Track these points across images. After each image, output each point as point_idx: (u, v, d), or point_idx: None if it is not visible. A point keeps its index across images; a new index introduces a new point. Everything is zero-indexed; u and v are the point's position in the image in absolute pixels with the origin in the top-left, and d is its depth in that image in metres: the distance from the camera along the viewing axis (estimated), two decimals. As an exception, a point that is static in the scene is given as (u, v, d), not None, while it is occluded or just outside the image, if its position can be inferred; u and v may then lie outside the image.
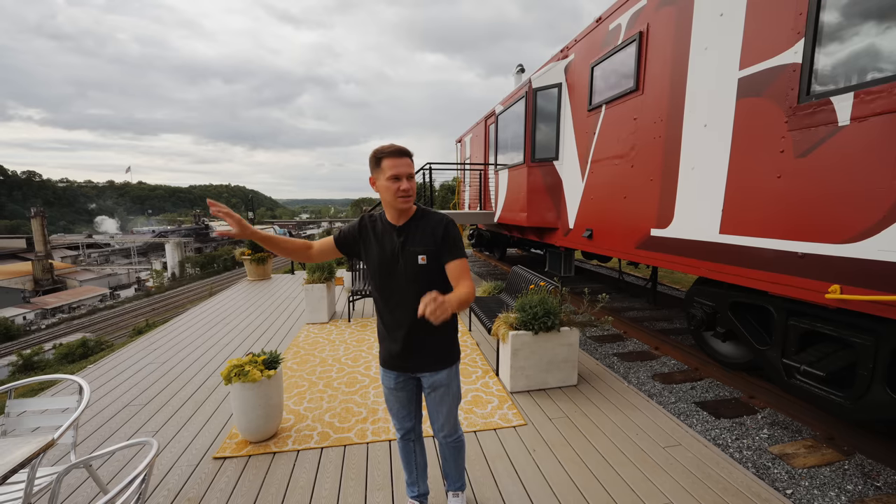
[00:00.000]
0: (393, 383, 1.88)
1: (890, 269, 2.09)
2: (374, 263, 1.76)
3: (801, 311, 2.85)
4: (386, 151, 1.65)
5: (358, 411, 3.29)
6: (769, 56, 2.71)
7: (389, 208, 1.74)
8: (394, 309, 1.76)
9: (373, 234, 1.78)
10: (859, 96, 2.21)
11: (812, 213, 2.46)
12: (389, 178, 1.64)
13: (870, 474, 2.56)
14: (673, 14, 3.55)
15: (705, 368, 4.00)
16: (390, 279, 1.74)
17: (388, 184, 1.64)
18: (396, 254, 1.72)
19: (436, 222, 1.76)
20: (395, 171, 1.63)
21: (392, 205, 1.70)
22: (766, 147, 2.74)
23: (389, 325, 1.80)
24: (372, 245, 1.77)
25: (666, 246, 3.67)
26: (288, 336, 5.15)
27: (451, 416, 1.95)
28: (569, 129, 5.45)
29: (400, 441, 2.04)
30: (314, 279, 5.73)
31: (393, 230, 1.75)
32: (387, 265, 1.73)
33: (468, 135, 11.24)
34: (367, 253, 1.78)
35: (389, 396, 1.93)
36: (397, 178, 1.64)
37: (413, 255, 1.71)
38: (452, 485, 2.16)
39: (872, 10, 2.19)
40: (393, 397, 1.92)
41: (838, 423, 3.02)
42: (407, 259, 1.71)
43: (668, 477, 2.47)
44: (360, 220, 1.81)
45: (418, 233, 1.74)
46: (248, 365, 2.82)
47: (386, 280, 1.75)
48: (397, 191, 1.64)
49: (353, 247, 1.82)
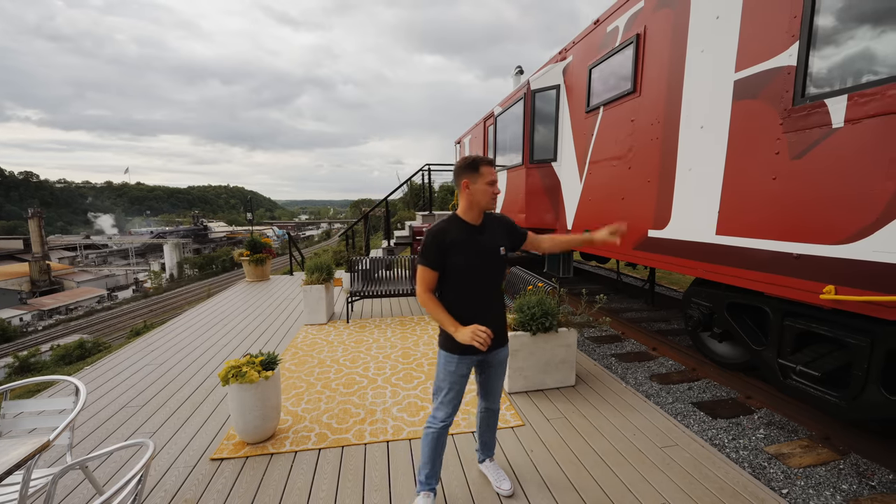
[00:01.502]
0: (467, 369, 2.05)
1: (884, 269, 2.10)
2: (461, 264, 1.94)
3: (796, 311, 2.87)
4: (484, 160, 1.94)
5: (356, 412, 3.29)
6: (764, 58, 2.72)
7: (476, 209, 1.97)
8: (481, 296, 1.99)
9: (454, 240, 1.93)
10: (853, 98, 2.23)
11: (807, 214, 2.47)
12: (488, 182, 1.91)
13: (864, 473, 2.57)
14: (670, 16, 3.57)
15: (702, 369, 4.02)
16: (478, 272, 1.97)
17: (486, 187, 1.91)
18: (481, 249, 1.97)
19: (499, 220, 2.11)
20: (493, 177, 1.93)
21: (485, 206, 1.96)
22: (761, 149, 2.76)
23: (477, 311, 1.96)
24: (457, 250, 1.93)
25: (663, 247, 3.68)
26: (286, 337, 5.15)
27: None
28: (567, 131, 5.47)
29: (440, 431, 2.08)
30: (313, 280, 5.73)
31: (474, 230, 1.98)
32: (475, 261, 1.95)
33: (467, 136, 11.27)
34: (452, 259, 1.93)
35: (458, 384, 2.06)
36: (493, 182, 1.93)
37: (496, 248, 1.99)
38: (491, 452, 2.47)
39: (866, 14, 2.21)
40: (461, 384, 2.06)
41: (834, 422, 3.03)
42: (491, 251, 1.99)
43: (665, 477, 2.48)
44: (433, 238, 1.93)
45: (495, 229, 2.04)
46: (246, 366, 2.82)
47: (475, 274, 1.96)
48: (493, 194, 1.93)
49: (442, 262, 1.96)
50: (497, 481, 2.37)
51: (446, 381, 2.03)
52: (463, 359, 2.00)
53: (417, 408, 3.34)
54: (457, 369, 2.01)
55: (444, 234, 1.93)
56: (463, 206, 1.98)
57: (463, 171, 1.94)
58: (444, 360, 2.03)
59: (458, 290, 1.97)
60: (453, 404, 2.06)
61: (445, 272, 1.95)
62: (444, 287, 1.98)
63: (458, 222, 1.97)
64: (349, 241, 8.66)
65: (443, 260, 1.93)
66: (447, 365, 2.02)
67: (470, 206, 1.96)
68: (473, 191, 1.93)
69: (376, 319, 5.90)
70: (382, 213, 9.47)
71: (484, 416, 2.33)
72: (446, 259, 1.92)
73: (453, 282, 1.96)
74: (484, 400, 2.28)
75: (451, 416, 2.07)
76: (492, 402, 2.26)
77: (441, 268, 1.94)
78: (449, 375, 2.02)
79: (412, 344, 4.84)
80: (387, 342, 4.92)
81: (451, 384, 2.03)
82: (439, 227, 1.96)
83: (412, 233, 7.54)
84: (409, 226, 7.96)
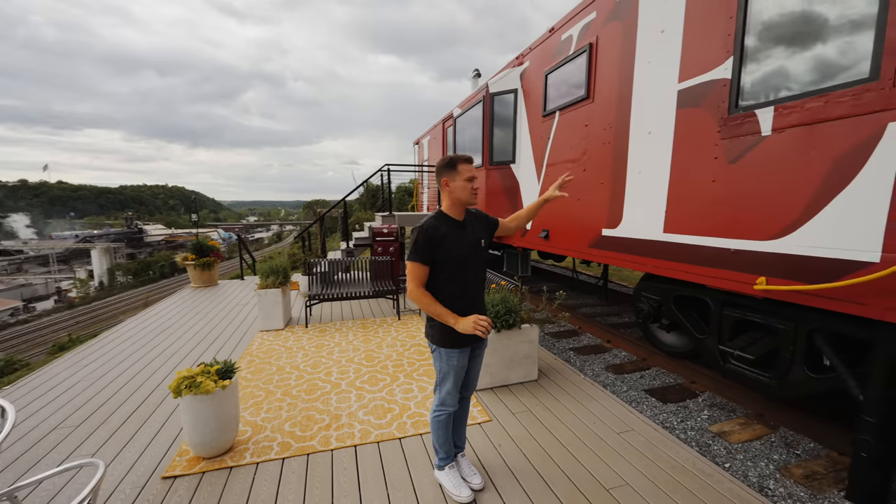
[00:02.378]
0: (466, 359, 2.18)
1: (805, 262, 2.38)
2: (452, 258, 2.02)
3: (733, 301, 3.16)
4: (461, 158, 2.02)
5: (320, 418, 3.19)
6: (704, 71, 2.98)
7: (458, 206, 2.08)
8: (469, 288, 2.10)
9: (444, 236, 2.02)
10: (778, 110, 2.50)
11: (741, 213, 2.74)
12: (466, 178, 2.01)
13: (791, 444, 2.89)
14: (620, 28, 3.81)
15: (652, 358, 4.31)
16: (466, 265, 2.06)
17: (464, 184, 2.01)
18: (466, 242, 2.07)
19: (475, 214, 2.23)
20: (471, 174, 2.02)
21: (466, 202, 2.06)
22: (702, 153, 3.02)
23: (469, 303, 2.09)
24: (447, 244, 2.01)
25: (616, 245, 3.91)
26: (240, 345, 4.88)
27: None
28: (525, 134, 5.65)
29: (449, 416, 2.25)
30: (268, 284, 5.47)
31: (459, 225, 2.09)
32: (463, 255, 2.05)
33: (426, 137, 11.29)
34: (444, 253, 2.01)
35: (460, 373, 2.17)
36: (471, 178, 2.02)
37: (478, 241, 2.13)
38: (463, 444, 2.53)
39: (787, 36, 2.49)
40: (462, 372, 2.18)
41: (767, 401, 3.37)
42: (474, 245, 2.11)
43: (624, 461, 2.63)
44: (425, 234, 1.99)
45: (474, 223, 2.16)
46: (201, 376, 2.65)
47: (463, 267, 2.06)
48: (472, 189, 2.02)
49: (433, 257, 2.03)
50: (468, 476, 2.41)
51: (451, 374, 2.16)
52: (463, 351, 2.15)
53: (384, 410, 3.30)
54: (458, 362, 2.14)
55: (436, 230, 2.00)
56: (446, 204, 2.08)
57: (443, 171, 2.05)
58: (445, 356, 2.14)
59: (452, 284, 2.05)
60: (458, 389, 2.24)
61: (437, 267, 2.03)
62: (439, 281, 2.06)
63: (445, 218, 2.07)
64: (305, 243, 8.35)
65: (434, 255, 2.00)
66: (449, 360, 2.13)
67: (452, 203, 2.06)
68: (453, 188, 2.03)
69: (336, 323, 5.75)
70: (340, 214, 9.25)
71: (458, 407, 2.38)
72: (437, 254, 2.00)
73: (446, 275, 2.04)
74: (462, 389, 2.35)
75: (457, 400, 2.27)
76: (467, 391, 2.38)
77: (432, 263, 2.02)
78: (452, 368, 2.14)
79: (375, 346, 4.77)
80: (349, 345, 4.81)
81: (456, 375, 2.16)
82: (430, 223, 2.02)
83: (372, 234, 7.42)
84: (369, 227, 7.83)
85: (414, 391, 3.63)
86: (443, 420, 2.26)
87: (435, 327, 2.17)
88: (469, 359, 2.27)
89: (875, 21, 2.07)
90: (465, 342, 2.14)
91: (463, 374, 2.21)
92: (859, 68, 2.14)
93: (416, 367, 4.17)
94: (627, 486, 2.41)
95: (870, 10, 2.09)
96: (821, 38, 2.31)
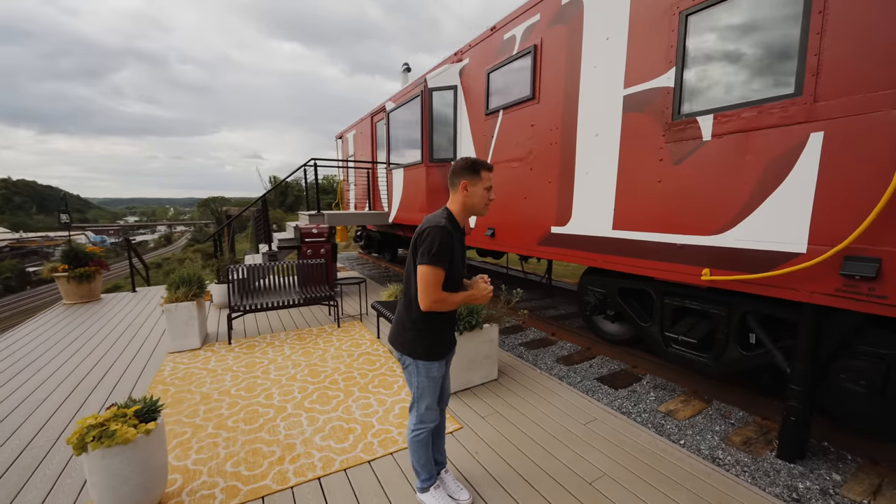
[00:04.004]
0: (444, 369, 2.10)
1: (744, 254, 2.68)
2: (456, 262, 1.93)
3: (673, 291, 3.47)
4: (485, 165, 1.93)
5: (269, 451, 2.75)
6: (649, 79, 3.21)
7: (468, 213, 1.98)
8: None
9: (455, 241, 1.92)
10: (717, 118, 2.78)
11: (686, 211, 3.00)
12: (487, 188, 1.94)
13: (725, 415, 3.27)
14: (564, 32, 3.94)
15: (596, 347, 4.59)
16: (457, 274, 1.97)
17: (484, 193, 1.94)
18: (463, 251, 2.01)
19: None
20: (491, 183, 1.96)
21: (479, 211, 1.97)
22: (648, 155, 3.25)
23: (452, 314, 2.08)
24: (455, 249, 1.92)
25: (566, 242, 4.06)
26: (146, 373, 4.05)
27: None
28: (466, 132, 5.61)
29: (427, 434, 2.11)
30: (178, 297, 4.63)
31: (461, 231, 2.02)
32: (458, 263, 1.96)
33: (351, 131, 10.70)
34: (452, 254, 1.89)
35: (437, 386, 2.06)
36: (490, 188, 1.95)
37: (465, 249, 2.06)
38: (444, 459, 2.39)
39: (723, 52, 2.77)
40: (438, 384, 2.08)
41: (698, 378, 3.79)
42: (464, 252, 2.06)
43: (596, 451, 2.72)
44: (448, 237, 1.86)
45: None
46: (114, 421, 2.08)
47: (456, 276, 1.95)
48: (488, 200, 1.96)
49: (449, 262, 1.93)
50: (455, 493, 2.26)
51: (429, 389, 2.04)
52: (441, 363, 2.06)
53: (345, 431, 2.98)
54: (438, 373, 2.04)
55: (451, 235, 1.90)
56: (457, 208, 1.96)
57: (463, 173, 1.93)
58: (423, 370, 2.01)
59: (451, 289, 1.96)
60: (437, 404, 2.12)
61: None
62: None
63: (454, 222, 1.96)
64: (218, 246, 7.33)
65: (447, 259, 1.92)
66: (429, 372, 2.01)
67: (464, 208, 1.96)
68: (471, 193, 1.93)
69: (266, 336, 5.12)
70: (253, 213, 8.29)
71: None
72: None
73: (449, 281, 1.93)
74: (440, 402, 2.25)
75: (437, 414, 2.14)
76: (445, 403, 2.30)
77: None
78: (431, 382, 2.03)
79: (318, 360, 4.33)
80: (287, 361, 4.30)
81: (434, 389, 2.05)
82: (446, 228, 1.87)
83: (300, 235, 6.77)
84: (296, 227, 7.14)
85: (373, 405, 3.35)
86: (423, 439, 2.12)
87: (419, 338, 1.97)
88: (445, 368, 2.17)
89: (798, 45, 2.39)
90: (447, 352, 2.09)
91: (437, 389, 2.09)
92: (786, 85, 2.45)
93: (368, 378, 3.86)
94: (606, 476, 2.48)
95: (794, 33, 2.41)
96: (754, 57, 2.61)
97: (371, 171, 8.97)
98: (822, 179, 2.31)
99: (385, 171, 8.00)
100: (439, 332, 2.01)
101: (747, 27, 2.62)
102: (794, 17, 2.40)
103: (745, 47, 2.63)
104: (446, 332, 2.06)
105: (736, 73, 2.70)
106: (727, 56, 2.74)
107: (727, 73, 2.74)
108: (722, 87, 2.77)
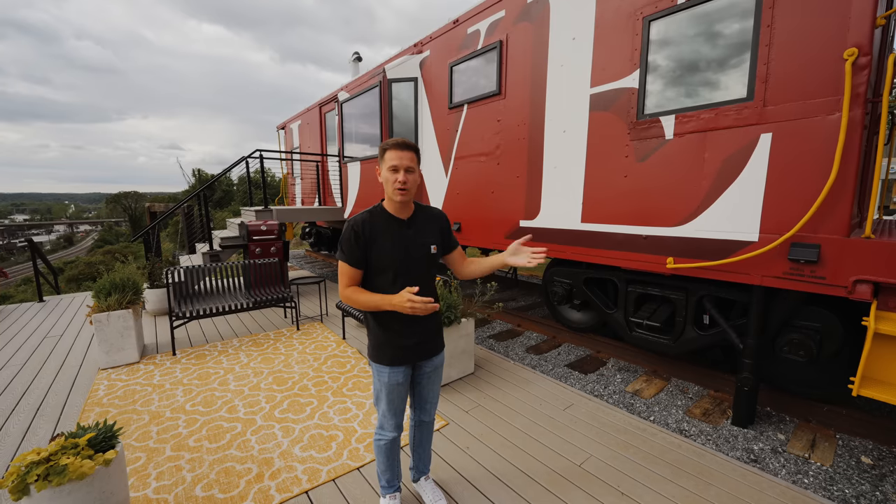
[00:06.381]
0: (402, 377, 1.89)
1: (704, 243, 2.94)
2: (386, 259, 1.75)
3: (635, 279, 3.73)
4: (390, 143, 1.71)
5: (244, 469, 2.53)
6: (614, 79, 3.38)
7: (390, 201, 1.79)
8: None
9: (378, 231, 1.75)
10: (678, 118, 3.01)
11: (651, 204, 3.22)
12: (389, 168, 1.70)
13: (684, 390, 3.59)
14: (530, 30, 4.02)
15: (560, 336, 4.80)
16: (408, 272, 1.78)
17: (387, 175, 1.72)
18: (409, 246, 1.78)
19: (436, 216, 1.93)
20: (394, 163, 1.69)
21: (391, 197, 1.75)
22: (614, 152, 3.43)
23: (406, 318, 1.76)
24: (380, 242, 1.75)
25: (534, 235, 4.17)
26: (74, 395, 3.51)
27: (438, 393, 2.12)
28: (428, 125, 5.53)
29: (390, 443, 2.01)
30: (110, 304, 4.06)
31: (401, 224, 1.79)
32: (402, 258, 1.76)
33: (295, 121, 10.08)
34: (377, 251, 1.75)
35: (394, 393, 1.90)
36: (395, 169, 1.70)
37: (426, 246, 1.83)
38: (427, 467, 2.28)
39: (684, 58, 2.99)
40: (398, 393, 1.91)
41: (656, 359, 4.11)
42: (420, 250, 1.81)
43: (580, 434, 2.84)
44: (353, 228, 1.74)
45: (425, 225, 1.86)
46: (64, 454, 1.77)
47: (405, 275, 1.77)
48: (395, 182, 1.70)
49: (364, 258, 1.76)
50: (433, 502, 2.19)
51: (382, 392, 1.91)
52: (394, 370, 1.87)
53: (326, 440, 2.82)
54: (389, 379, 1.87)
55: (364, 225, 1.74)
56: (385, 197, 1.83)
57: (378, 157, 1.79)
58: (376, 372, 1.91)
59: (385, 292, 1.74)
60: (396, 413, 1.96)
61: (372, 271, 1.78)
62: (376, 289, 1.78)
63: (383, 214, 1.80)
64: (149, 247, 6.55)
65: (365, 256, 1.75)
66: (380, 376, 1.89)
67: (387, 196, 1.79)
68: (383, 178, 1.76)
69: (217, 344, 4.68)
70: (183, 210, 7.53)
71: (416, 429, 2.17)
72: (368, 254, 1.75)
73: (384, 282, 1.77)
74: (417, 411, 2.11)
75: (398, 426, 2.00)
76: (425, 414, 2.11)
77: (363, 265, 1.77)
78: (384, 386, 1.89)
79: (282, 366, 4.05)
80: (246, 370, 3.96)
81: (388, 394, 1.90)
82: (360, 217, 1.77)
83: (247, 232, 6.26)
84: (241, 224, 6.59)
85: (352, 409, 3.20)
86: (382, 446, 1.99)
87: (370, 336, 1.91)
88: (415, 377, 1.98)
89: (749, 54, 2.65)
90: (397, 359, 1.83)
91: (402, 393, 1.93)
92: (740, 90, 2.72)
93: (341, 381, 3.69)
94: (593, 457, 2.60)
95: (746, 42, 2.67)
96: (712, 63, 2.86)
97: (321, 163, 8.54)
98: (771, 175, 2.60)
99: (339, 163, 7.65)
100: (387, 333, 1.82)
101: (706, 35, 2.86)
102: (746, 29, 2.66)
103: (704, 55, 2.87)
104: (399, 336, 1.82)
105: (695, 77, 2.94)
106: (687, 61, 2.97)
107: (687, 76, 2.98)
108: (683, 90, 3.00)
